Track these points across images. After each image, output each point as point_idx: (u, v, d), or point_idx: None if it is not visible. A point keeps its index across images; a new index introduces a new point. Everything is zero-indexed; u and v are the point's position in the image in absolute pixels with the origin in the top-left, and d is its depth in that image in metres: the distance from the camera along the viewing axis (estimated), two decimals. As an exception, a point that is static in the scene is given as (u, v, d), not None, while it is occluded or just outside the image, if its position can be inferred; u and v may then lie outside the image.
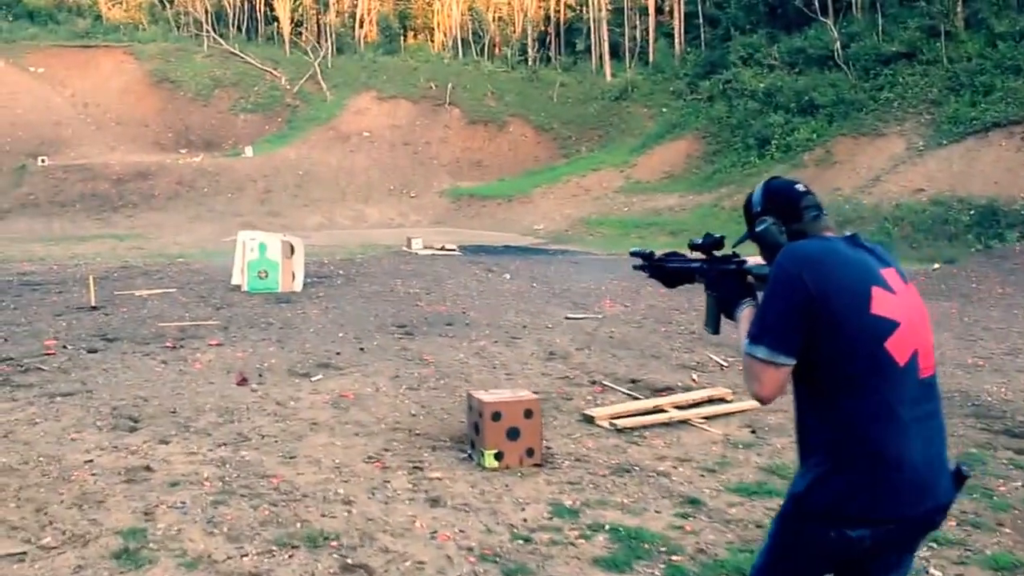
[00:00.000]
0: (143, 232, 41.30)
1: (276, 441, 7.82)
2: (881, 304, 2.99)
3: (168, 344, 12.81)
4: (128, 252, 31.58)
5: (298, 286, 19.92)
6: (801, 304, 2.97)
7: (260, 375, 10.75)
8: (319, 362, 11.61)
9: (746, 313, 3.32)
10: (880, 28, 46.56)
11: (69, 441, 7.69)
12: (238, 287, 19.96)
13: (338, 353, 12.23)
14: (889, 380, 2.99)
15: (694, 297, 17.89)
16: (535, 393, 8.28)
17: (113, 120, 56.40)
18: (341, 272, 24.16)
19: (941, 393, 3.23)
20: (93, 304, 16.88)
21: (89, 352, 12.16)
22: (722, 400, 9.60)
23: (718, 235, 3.56)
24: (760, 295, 3.19)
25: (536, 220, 44.60)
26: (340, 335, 13.80)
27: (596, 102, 59.04)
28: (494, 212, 47.58)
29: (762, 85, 49.08)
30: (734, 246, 3.50)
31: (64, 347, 12.50)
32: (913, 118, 39.78)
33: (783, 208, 3.25)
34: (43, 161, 48.53)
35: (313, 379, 10.58)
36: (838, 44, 47.22)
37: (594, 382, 10.66)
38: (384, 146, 56.52)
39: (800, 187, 3.29)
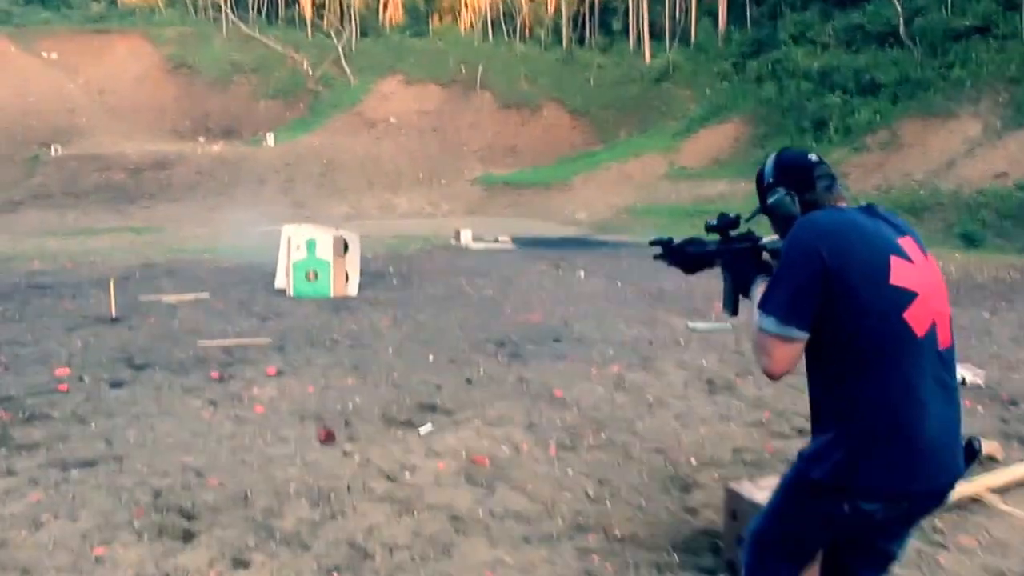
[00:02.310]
0: (161, 224, 39.10)
1: (413, 559, 5.05)
2: (900, 274, 2.96)
3: (213, 374, 10.08)
4: (147, 246, 29.06)
5: (353, 289, 17.27)
6: (816, 276, 2.94)
7: (347, 423, 8.06)
8: (419, 401, 8.89)
9: (760, 289, 3.21)
10: (949, 2, 43.72)
11: (93, 563, 4.95)
12: (282, 291, 17.25)
13: (439, 387, 9.49)
14: (908, 351, 2.95)
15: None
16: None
17: (129, 107, 54.32)
18: (392, 269, 21.57)
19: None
20: (114, 315, 14.18)
21: (113, 386, 9.43)
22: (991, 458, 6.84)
23: (733, 215, 3.52)
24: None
25: (577, 209, 42.07)
26: (430, 358, 11.05)
27: (635, 84, 56.39)
28: (531, 201, 45.07)
29: (816, 64, 46.70)
30: (747, 220, 3.50)
31: (80, 378, 9.79)
32: (989, 97, 37.04)
33: (795, 178, 3.23)
34: (56, 150, 46.38)
35: (421, 431, 7.87)
36: (901, 20, 44.43)
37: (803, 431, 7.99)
38: (412, 132, 54.25)
39: (813, 157, 3.27)
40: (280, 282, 17.67)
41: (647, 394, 9.27)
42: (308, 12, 66.76)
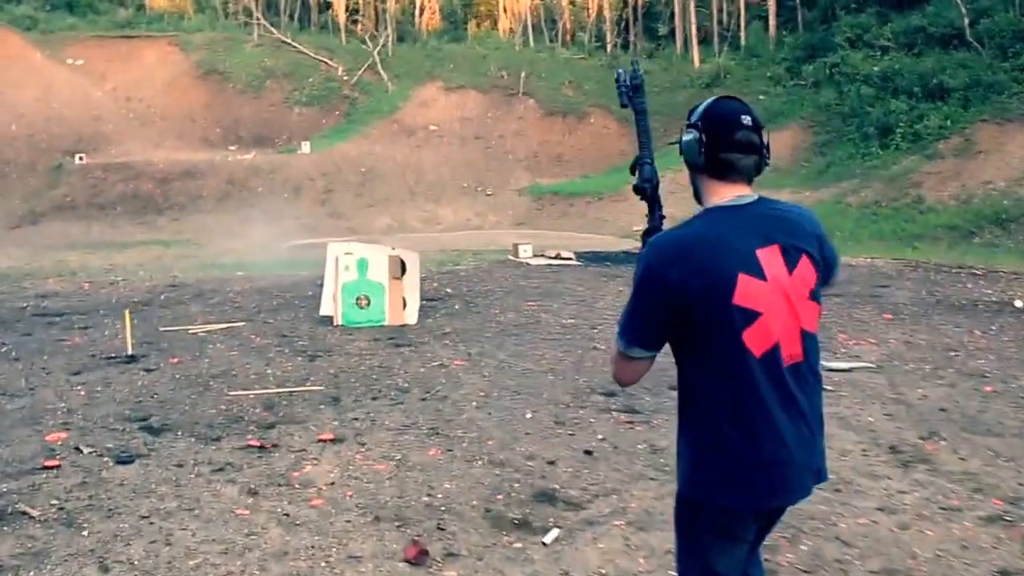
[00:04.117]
0: (191, 237, 37.07)
1: None
2: (744, 293, 2.98)
3: (252, 441, 7.80)
4: (176, 262, 26.89)
5: (411, 317, 14.83)
6: (659, 301, 3.04)
7: (439, 526, 5.76)
8: (531, 486, 6.58)
9: None
10: (1018, 2, 41.08)
11: None
12: (329, 319, 14.80)
13: (552, 462, 7.15)
14: (744, 372, 3.00)
15: (992, 337, 13.38)
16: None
17: (157, 115, 52.10)
18: (450, 290, 19.02)
19: (818, 380, 3.20)
20: (130, 351, 11.83)
21: (120, 462, 7.13)
22: None
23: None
24: None
25: (634, 221, 39.34)
26: (527, 415, 8.77)
27: (685, 90, 53.54)
28: (584, 211, 42.76)
29: (876, 68, 44.04)
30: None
31: (77, 449, 7.50)
32: (1071, 102, 34.60)
33: (715, 131, 3.18)
34: (81, 159, 44.15)
35: (546, 539, 5.52)
36: (966, 21, 41.83)
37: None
38: (454, 140, 51.82)
39: (746, 119, 3.17)
40: (326, 308, 15.16)
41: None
42: (342, 17, 64.67)
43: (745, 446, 2.99)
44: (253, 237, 34.04)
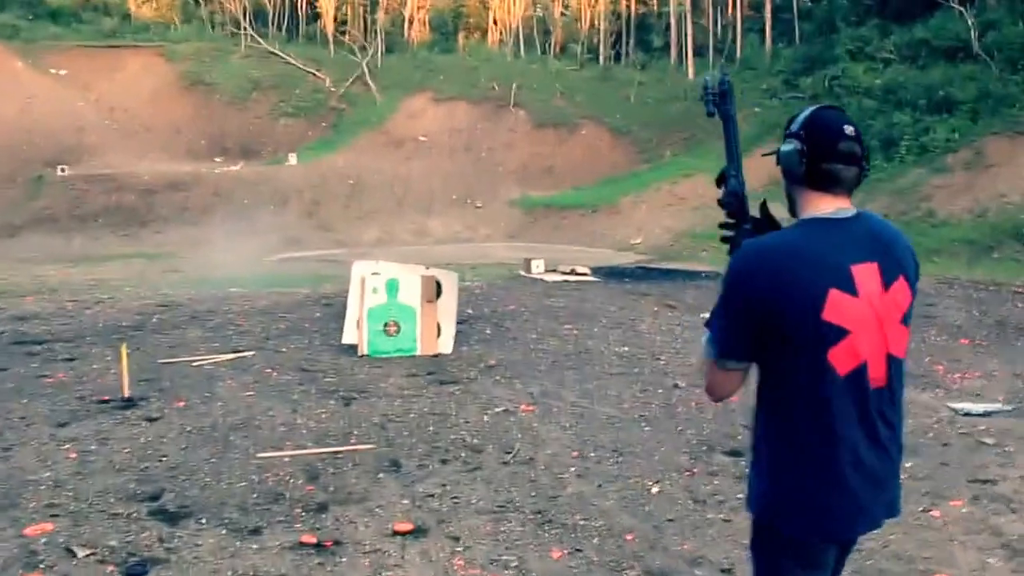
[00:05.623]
0: (176, 250, 35.91)
1: None
2: (834, 309, 2.86)
3: (306, 537, 6.14)
4: (161, 276, 25.66)
5: (446, 346, 13.41)
6: (748, 310, 2.90)
7: None
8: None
9: None
10: (1025, 14, 40.44)
11: None
12: (352, 347, 13.36)
13: (699, 560, 5.82)
14: (826, 391, 2.89)
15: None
16: None
17: (142, 126, 51.27)
18: (471, 311, 17.38)
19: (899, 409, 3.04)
20: (127, 393, 10.33)
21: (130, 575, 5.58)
22: None
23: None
24: None
25: (631, 234, 38.74)
26: (651, 488, 7.26)
27: (679, 102, 52.89)
28: (578, 224, 41.73)
29: (878, 81, 43.44)
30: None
31: (69, 551, 5.80)
32: (1083, 114, 33.95)
33: (817, 140, 2.99)
34: (63, 170, 43.25)
35: None
36: (974, 34, 41.08)
37: None
38: (443, 151, 51.13)
39: (849, 130, 3.00)
40: (349, 336, 13.62)
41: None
42: (330, 28, 63.89)
43: (823, 472, 2.88)
44: (239, 250, 32.91)
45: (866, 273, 2.91)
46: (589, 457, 8.16)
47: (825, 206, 3.01)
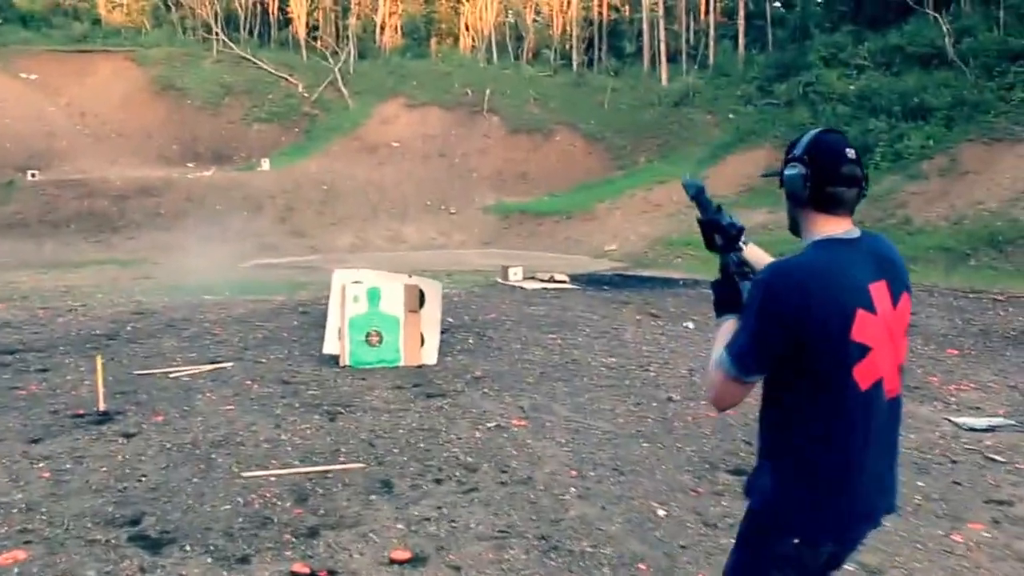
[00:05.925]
0: (148, 256, 35.63)
1: None
2: (861, 329, 2.94)
3: (298, 567, 5.78)
4: (134, 283, 25.40)
5: (430, 356, 13.16)
6: (778, 327, 2.94)
7: None
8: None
9: (725, 327, 3.21)
10: (1002, 21, 40.48)
11: None
12: (334, 358, 13.12)
13: None
14: (849, 405, 2.95)
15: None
16: None
17: (113, 131, 50.71)
18: (451, 319, 17.05)
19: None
20: (102, 407, 10.06)
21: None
22: None
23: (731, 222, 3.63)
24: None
25: (606, 240, 38.63)
26: (657, 511, 6.98)
27: (653, 108, 53.09)
28: (553, 231, 41.71)
29: (852, 87, 43.58)
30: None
31: None
32: (1061, 121, 33.97)
33: (821, 164, 3.12)
34: (33, 176, 42.79)
35: None
36: (949, 40, 41.24)
37: None
38: (416, 157, 50.78)
39: (851, 153, 3.14)
40: (331, 346, 13.35)
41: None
42: (302, 34, 63.51)
43: (836, 478, 2.96)
44: (213, 256, 32.63)
45: (880, 291, 3.03)
46: (589, 476, 7.93)
47: (832, 227, 3.11)
